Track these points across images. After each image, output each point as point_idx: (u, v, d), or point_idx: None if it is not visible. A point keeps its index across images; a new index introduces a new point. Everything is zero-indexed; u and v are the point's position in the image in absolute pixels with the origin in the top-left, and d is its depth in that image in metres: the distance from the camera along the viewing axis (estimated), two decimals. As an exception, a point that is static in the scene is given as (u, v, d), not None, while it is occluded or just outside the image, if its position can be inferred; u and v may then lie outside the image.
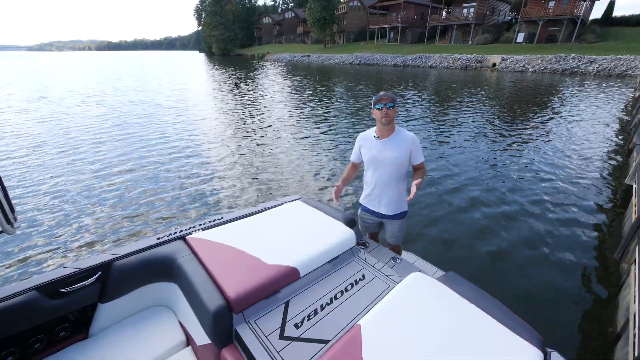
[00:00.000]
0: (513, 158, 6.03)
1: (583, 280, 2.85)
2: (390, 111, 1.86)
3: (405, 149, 1.93)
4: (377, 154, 1.97)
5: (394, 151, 1.92)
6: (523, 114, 9.82)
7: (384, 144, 1.94)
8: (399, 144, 1.93)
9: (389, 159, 1.94)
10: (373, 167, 2.03)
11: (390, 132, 1.95)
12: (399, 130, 1.98)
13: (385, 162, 1.96)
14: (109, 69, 31.60)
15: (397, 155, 1.92)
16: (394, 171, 1.98)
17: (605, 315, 2.46)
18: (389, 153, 1.93)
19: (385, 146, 1.94)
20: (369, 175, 2.09)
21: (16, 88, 16.24)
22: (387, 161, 1.95)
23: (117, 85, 17.87)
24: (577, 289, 2.75)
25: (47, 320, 1.39)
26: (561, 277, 2.87)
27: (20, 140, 6.97)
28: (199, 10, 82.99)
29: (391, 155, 1.93)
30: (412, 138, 1.94)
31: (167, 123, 8.72)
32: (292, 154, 6.29)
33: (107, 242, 3.39)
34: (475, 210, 4.07)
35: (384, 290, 1.50)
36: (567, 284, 2.80)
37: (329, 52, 41.09)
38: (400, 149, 1.92)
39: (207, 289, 1.35)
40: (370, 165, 2.04)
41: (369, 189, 2.12)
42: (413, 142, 1.94)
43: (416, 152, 1.95)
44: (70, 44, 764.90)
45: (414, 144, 1.94)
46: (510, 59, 24.08)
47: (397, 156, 1.92)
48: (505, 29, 32.24)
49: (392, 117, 1.87)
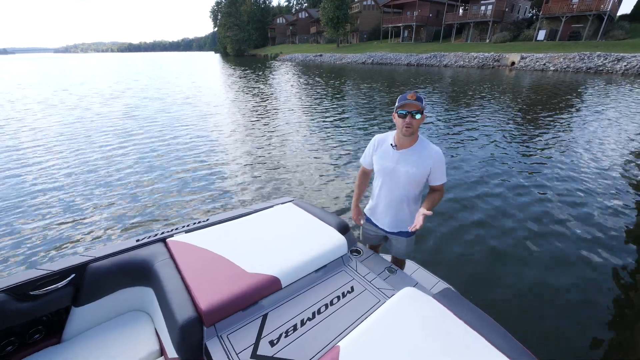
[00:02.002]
0: (531, 163, 5.69)
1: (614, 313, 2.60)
2: (415, 121, 1.51)
3: (425, 166, 1.59)
4: (390, 166, 1.65)
5: (411, 167, 1.60)
6: (544, 115, 9.35)
7: (401, 156, 1.62)
8: (420, 159, 1.59)
9: (403, 175, 1.62)
10: (382, 179, 1.73)
11: (411, 143, 1.61)
12: (423, 141, 1.63)
13: (398, 177, 1.64)
14: (131, 70, 32.56)
15: (415, 172, 1.60)
16: (407, 190, 1.66)
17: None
18: (405, 168, 1.61)
19: (401, 159, 1.62)
20: (377, 187, 1.80)
21: (50, 87, 16.97)
22: (401, 177, 1.63)
23: (135, 84, 18.39)
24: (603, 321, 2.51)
25: (17, 324, 1.34)
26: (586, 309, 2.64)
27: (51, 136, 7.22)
28: (215, 11, 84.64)
29: (406, 171, 1.61)
30: (437, 154, 1.60)
31: (177, 117, 8.84)
32: (295, 153, 6.19)
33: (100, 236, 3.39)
34: (487, 221, 3.82)
35: (373, 305, 1.37)
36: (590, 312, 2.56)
37: (342, 52, 40.83)
38: (419, 165, 1.59)
39: (179, 298, 1.26)
40: (380, 176, 1.74)
41: (374, 201, 1.86)
42: (437, 158, 1.59)
43: (438, 171, 1.62)
44: (93, 45, 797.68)
45: (437, 161, 1.59)
46: (530, 57, 23.16)
47: (415, 173, 1.60)
48: (525, 26, 31.05)
49: (416, 128, 1.53)
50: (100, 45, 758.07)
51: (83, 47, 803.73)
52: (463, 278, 2.79)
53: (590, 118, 8.84)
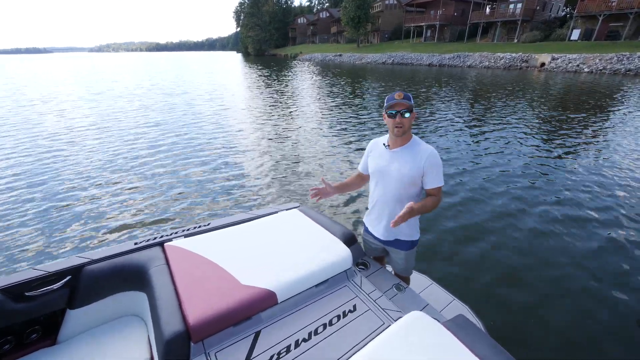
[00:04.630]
0: (562, 174, 5.31)
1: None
2: (405, 120, 1.49)
3: (417, 164, 1.54)
4: (383, 166, 1.64)
5: (403, 165, 1.56)
6: (576, 119, 8.76)
7: (393, 155, 1.60)
8: (412, 158, 1.56)
9: (395, 173, 1.59)
10: (376, 179, 1.71)
11: (403, 142, 1.59)
12: (416, 141, 1.61)
13: (390, 176, 1.62)
14: (157, 69, 33.84)
15: (406, 171, 1.55)
16: (399, 189, 1.62)
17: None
18: (396, 166, 1.59)
19: (394, 158, 1.60)
20: (372, 190, 1.79)
21: (88, 84, 17.95)
22: (393, 175, 1.60)
23: (162, 84, 19.05)
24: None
25: (12, 324, 1.33)
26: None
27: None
28: (238, 12, 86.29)
29: (398, 169, 1.58)
30: (430, 154, 1.54)
31: (195, 114, 9.05)
32: (308, 157, 6.11)
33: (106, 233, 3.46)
34: (510, 238, 3.54)
35: (376, 329, 1.25)
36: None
37: (362, 52, 40.43)
38: (411, 164, 1.55)
39: (168, 310, 1.20)
40: (374, 177, 1.73)
41: (370, 206, 1.82)
42: (430, 158, 1.53)
43: (432, 172, 1.54)
44: (124, 45, 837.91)
45: (430, 162, 1.53)
46: (562, 58, 21.89)
47: (406, 172, 1.56)
48: (558, 26, 29.41)
49: (407, 127, 1.52)
50: (130, 45, 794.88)
51: (115, 46, 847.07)
52: (482, 296, 2.59)
53: (634, 123, 8.18)
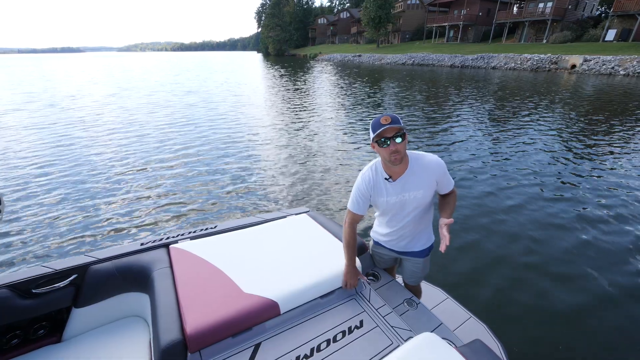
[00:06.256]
0: (593, 184, 4.99)
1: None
2: (400, 145, 1.30)
3: (430, 182, 1.44)
4: (396, 201, 1.48)
5: (417, 190, 1.44)
6: (610, 125, 8.22)
7: (400, 186, 1.44)
8: (422, 179, 1.43)
9: (412, 202, 1.47)
10: (390, 215, 1.58)
11: (404, 167, 1.42)
12: (415, 158, 1.44)
13: (407, 206, 1.49)
14: (184, 68, 34.90)
15: (422, 194, 1.45)
16: (420, 213, 1.54)
17: None
18: (410, 195, 1.45)
19: (403, 188, 1.45)
20: (384, 220, 1.65)
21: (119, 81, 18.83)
22: (411, 205, 1.48)
23: (188, 83, 19.64)
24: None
25: (20, 319, 1.35)
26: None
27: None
28: (260, 12, 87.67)
29: (414, 197, 1.46)
30: (437, 164, 1.44)
31: (214, 113, 9.23)
32: (322, 160, 6.07)
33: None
34: (535, 252, 3.36)
35: (383, 349, 1.17)
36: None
37: (381, 52, 39.90)
38: (424, 185, 1.44)
39: (167, 315, 1.19)
40: (387, 213, 1.58)
41: (386, 231, 1.67)
42: (438, 169, 1.44)
43: (444, 179, 1.47)
44: (150, 45, 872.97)
45: (439, 171, 1.44)
46: (595, 60, 20.63)
47: (422, 195, 1.45)
48: (592, 25, 27.79)
49: (403, 152, 1.34)
50: (156, 45, 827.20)
51: (142, 46, 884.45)
52: (505, 315, 2.42)
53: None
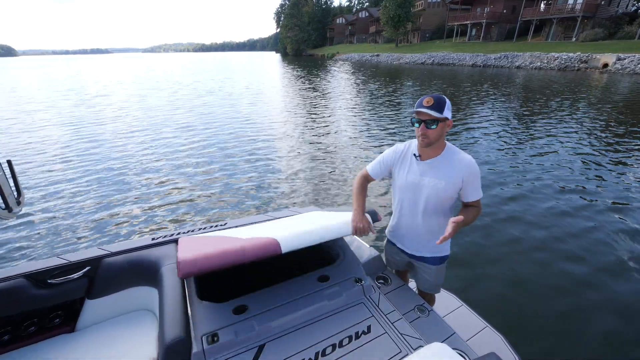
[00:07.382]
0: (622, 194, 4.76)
1: None
2: (430, 131, 1.28)
3: (455, 178, 1.35)
4: (413, 180, 1.41)
5: (439, 179, 1.36)
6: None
7: (425, 168, 1.39)
8: (448, 171, 1.36)
9: (429, 189, 1.39)
10: (404, 195, 1.49)
11: (437, 152, 1.37)
12: (450, 150, 1.39)
13: (423, 192, 1.41)
14: (207, 68, 35.87)
15: (443, 186, 1.36)
16: (435, 206, 1.42)
17: None
18: (431, 181, 1.38)
19: (427, 171, 1.39)
20: (398, 206, 1.55)
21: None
22: (427, 192, 1.40)
23: (209, 84, 20.21)
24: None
25: (35, 309, 1.40)
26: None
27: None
28: (279, 13, 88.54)
29: (434, 185, 1.37)
30: (469, 164, 1.35)
31: (234, 112, 9.47)
32: (338, 160, 6.11)
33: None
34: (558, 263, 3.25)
35: (390, 357, 1.12)
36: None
37: (400, 52, 39.29)
38: (448, 178, 1.35)
39: (174, 312, 1.19)
40: (402, 193, 1.49)
41: (394, 221, 1.60)
42: (469, 170, 1.34)
43: (472, 184, 1.36)
44: (173, 46, 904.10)
45: (469, 174, 1.35)
46: (630, 59, 19.42)
47: (442, 187, 1.36)
48: (627, 22, 26.14)
49: (434, 139, 1.31)
50: (179, 46, 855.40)
51: (165, 47, 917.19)
52: (524, 326, 2.31)
53: None
